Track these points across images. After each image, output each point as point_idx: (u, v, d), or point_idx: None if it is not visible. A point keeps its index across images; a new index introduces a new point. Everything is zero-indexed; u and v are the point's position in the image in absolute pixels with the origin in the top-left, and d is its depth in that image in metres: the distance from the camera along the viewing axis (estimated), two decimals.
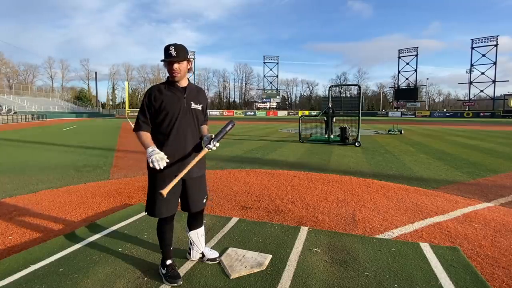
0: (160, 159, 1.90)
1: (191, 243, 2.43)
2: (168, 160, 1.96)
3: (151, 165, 1.92)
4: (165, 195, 1.81)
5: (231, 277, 2.21)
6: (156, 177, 2.09)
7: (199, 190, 2.26)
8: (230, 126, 2.27)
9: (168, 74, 2.12)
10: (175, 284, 2.12)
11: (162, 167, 1.91)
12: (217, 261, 2.43)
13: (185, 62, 2.09)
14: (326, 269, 2.36)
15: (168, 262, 2.22)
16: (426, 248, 2.70)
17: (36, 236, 3.04)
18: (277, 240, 2.88)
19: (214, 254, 2.47)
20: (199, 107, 2.20)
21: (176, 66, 2.04)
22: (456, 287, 2.11)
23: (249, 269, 2.30)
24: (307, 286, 2.12)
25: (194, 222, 2.38)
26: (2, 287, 2.11)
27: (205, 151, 2.05)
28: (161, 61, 2.06)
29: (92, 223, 3.30)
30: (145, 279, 2.20)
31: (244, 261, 2.42)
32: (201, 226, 2.42)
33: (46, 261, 2.45)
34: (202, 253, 2.46)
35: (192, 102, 2.16)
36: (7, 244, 2.86)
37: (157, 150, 1.96)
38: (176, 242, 2.65)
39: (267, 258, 2.48)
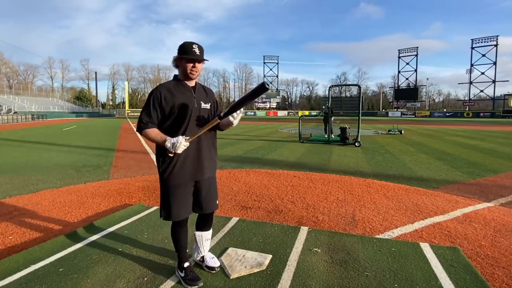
0: (179, 143, 1.86)
1: (195, 243, 2.40)
2: (187, 137, 1.92)
3: (178, 151, 1.88)
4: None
5: (231, 277, 2.21)
6: (170, 181, 2.05)
7: (212, 190, 2.24)
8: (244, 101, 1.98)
9: (179, 72, 2.08)
10: (196, 286, 2.09)
11: (185, 147, 1.90)
12: (215, 271, 2.30)
13: (201, 64, 2.07)
14: (326, 269, 2.35)
15: (186, 264, 2.19)
16: (426, 248, 2.70)
17: (36, 236, 3.04)
18: (277, 240, 2.88)
19: (214, 263, 2.34)
20: (208, 106, 2.16)
21: (197, 65, 2.02)
22: (456, 287, 2.11)
23: (249, 269, 2.30)
24: (307, 286, 2.12)
25: (203, 222, 2.33)
26: (2, 287, 2.11)
27: (216, 121, 1.96)
28: (181, 57, 1.99)
29: (92, 223, 3.29)
30: (145, 279, 2.20)
31: (244, 261, 2.42)
32: (209, 229, 2.37)
33: (46, 261, 2.45)
34: (203, 257, 2.39)
35: (201, 102, 2.12)
36: (7, 244, 2.86)
37: (172, 139, 1.91)
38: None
39: (267, 258, 2.48)
